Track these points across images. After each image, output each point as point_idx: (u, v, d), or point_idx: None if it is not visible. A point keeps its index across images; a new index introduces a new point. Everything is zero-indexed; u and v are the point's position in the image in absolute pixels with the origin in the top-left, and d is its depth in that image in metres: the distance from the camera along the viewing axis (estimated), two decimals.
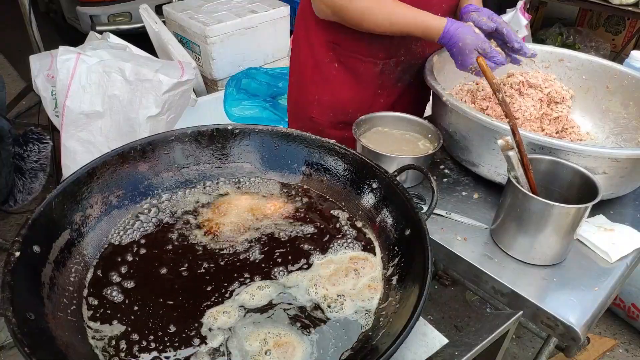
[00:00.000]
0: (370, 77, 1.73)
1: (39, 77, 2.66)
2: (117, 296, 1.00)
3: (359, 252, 1.11)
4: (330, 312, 0.98)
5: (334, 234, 1.17)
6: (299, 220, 1.20)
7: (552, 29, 4.92)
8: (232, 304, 0.99)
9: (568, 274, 1.25)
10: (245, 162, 1.31)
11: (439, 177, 1.57)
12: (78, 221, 1.08)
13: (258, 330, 0.94)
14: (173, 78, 2.35)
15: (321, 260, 1.09)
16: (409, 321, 0.81)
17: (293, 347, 0.92)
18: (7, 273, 0.86)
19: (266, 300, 1.00)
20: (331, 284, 1.04)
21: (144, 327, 0.94)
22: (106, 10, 4.91)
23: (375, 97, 1.77)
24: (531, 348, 2.56)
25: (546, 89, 1.64)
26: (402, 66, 1.73)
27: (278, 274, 1.06)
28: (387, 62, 1.70)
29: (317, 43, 1.72)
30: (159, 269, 1.06)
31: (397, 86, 1.79)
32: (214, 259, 1.09)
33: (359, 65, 1.71)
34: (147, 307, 0.98)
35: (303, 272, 1.06)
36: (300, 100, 1.87)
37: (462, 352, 0.86)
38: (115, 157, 1.17)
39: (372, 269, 1.07)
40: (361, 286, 1.04)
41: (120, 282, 1.02)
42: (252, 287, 1.02)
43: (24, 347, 0.76)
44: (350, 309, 0.99)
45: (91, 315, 0.96)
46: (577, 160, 1.27)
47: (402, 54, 1.70)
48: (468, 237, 1.35)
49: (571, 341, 1.14)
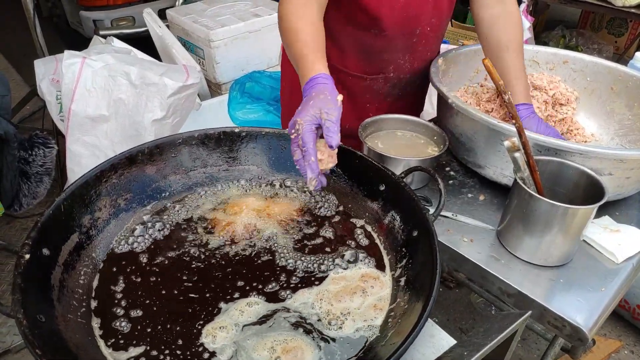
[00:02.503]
0: (358, 92, 1.71)
1: (43, 82, 2.66)
2: (120, 311, 0.99)
3: (371, 269, 1.09)
4: (329, 330, 0.96)
5: (343, 244, 1.15)
6: (308, 226, 1.20)
7: (555, 31, 4.92)
8: (225, 318, 0.98)
9: (574, 274, 1.25)
10: (252, 164, 1.31)
11: (445, 179, 1.57)
12: (87, 224, 1.09)
13: (264, 340, 0.93)
14: (178, 82, 2.35)
15: (333, 276, 1.07)
16: (418, 321, 0.82)
17: (302, 350, 0.91)
18: (17, 276, 0.87)
19: (264, 311, 0.99)
20: (337, 301, 1.01)
21: (154, 341, 0.93)
22: (109, 14, 4.92)
23: (363, 111, 1.74)
24: (536, 350, 2.56)
25: (551, 90, 1.64)
26: (391, 82, 1.71)
27: (284, 294, 1.03)
28: (376, 79, 1.68)
29: None
30: (163, 277, 1.06)
31: (386, 101, 1.76)
32: (221, 263, 1.10)
33: (347, 79, 1.69)
34: (153, 320, 0.97)
35: (310, 288, 1.04)
36: (292, 108, 1.84)
37: (471, 352, 0.86)
38: (123, 160, 1.17)
39: (382, 288, 1.05)
40: (367, 305, 1.01)
41: (121, 297, 1.01)
42: (251, 300, 1.01)
43: (35, 349, 0.77)
44: (350, 329, 0.96)
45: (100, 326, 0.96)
46: (583, 162, 1.27)
47: (391, 70, 1.67)
48: (474, 238, 1.35)
49: (578, 342, 1.14)
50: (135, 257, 1.09)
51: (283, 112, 1.97)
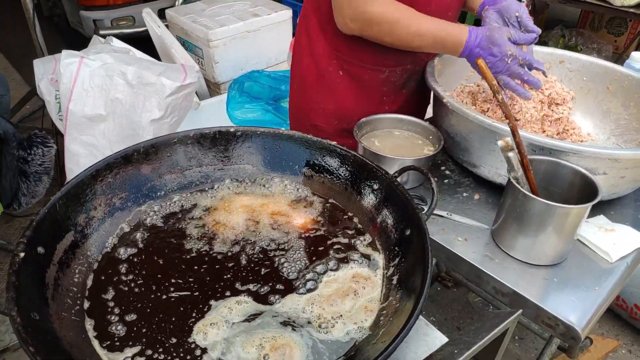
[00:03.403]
0: (375, 85, 1.72)
1: (42, 81, 2.67)
2: (113, 311, 0.99)
3: (362, 269, 1.08)
4: (318, 333, 0.95)
5: (337, 243, 1.15)
6: (302, 224, 1.21)
7: (554, 31, 4.92)
8: (215, 314, 0.98)
9: (569, 274, 1.26)
10: (248, 164, 1.32)
11: (440, 178, 1.57)
12: (82, 223, 1.09)
13: (252, 337, 0.93)
14: (176, 81, 2.36)
15: (326, 279, 1.06)
16: (408, 319, 0.82)
17: (290, 348, 0.91)
18: (11, 274, 0.88)
19: (253, 310, 0.99)
20: (329, 304, 1.00)
21: (149, 340, 0.94)
22: (109, 14, 4.94)
23: (379, 104, 1.76)
24: (534, 349, 2.56)
25: (547, 90, 1.64)
26: (408, 73, 1.72)
27: (273, 298, 1.03)
28: (394, 70, 1.69)
29: (320, 52, 1.70)
30: (156, 276, 1.06)
31: (402, 93, 1.78)
32: (215, 262, 1.10)
33: (364, 74, 1.69)
34: (147, 319, 0.97)
35: (300, 296, 1.03)
36: (303, 107, 1.85)
37: (461, 350, 0.86)
38: (119, 159, 1.18)
39: (373, 289, 1.04)
40: (358, 307, 1.00)
41: (114, 294, 1.02)
42: (241, 298, 1.01)
43: (28, 347, 0.77)
44: (340, 332, 0.95)
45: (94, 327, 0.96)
46: (578, 161, 1.27)
47: (409, 62, 1.68)
48: (469, 237, 1.35)
49: (571, 340, 1.15)
50: (129, 256, 1.10)
51: (292, 113, 1.96)
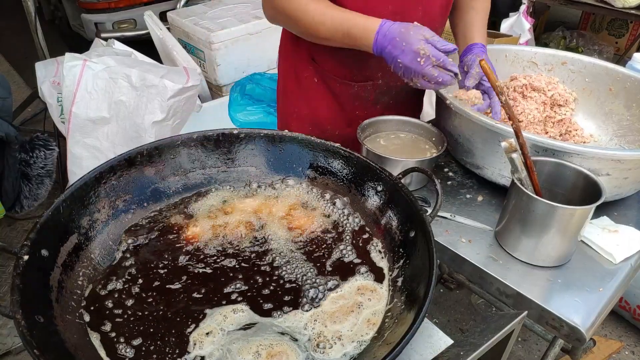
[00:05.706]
0: (347, 98, 1.68)
1: (44, 84, 2.68)
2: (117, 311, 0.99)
3: (367, 282, 1.06)
4: (315, 352, 0.93)
5: (343, 249, 1.14)
6: (306, 227, 1.20)
7: (555, 32, 4.93)
8: (210, 321, 0.97)
9: (573, 275, 1.25)
10: (251, 166, 1.31)
11: (443, 180, 1.57)
12: (85, 225, 1.09)
13: (249, 344, 0.92)
14: (178, 84, 2.36)
15: (332, 295, 1.04)
16: (414, 321, 0.82)
17: (287, 355, 0.91)
18: (16, 276, 0.88)
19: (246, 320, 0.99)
20: (332, 322, 0.98)
21: (149, 340, 0.94)
22: (111, 17, 4.94)
23: (353, 117, 1.70)
24: (537, 351, 2.56)
25: (549, 91, 1.64)
26: (380, 89, 1.67)
27: (276, 314, 1.01)
28: (363, 86, 1.65)
29: (298, 56, 1.68)
30: (158, 279, 1.06)
31: (376, 108, 1.72)
32: (218, 265, 1.10)
33: (335, 85, 1.66)
34: (149, 322, 0.97)
35: (303, 313, 1.01)
36: (284, 111, 1.84)
37: (467, 352, 0.86)
38: (122, 161, 1.18)
39: (378, 301, 1.02)
40: (361, 322, 0.98)
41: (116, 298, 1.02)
42: (237, 307, 1.00)
43: (33, 349, 0.77)
44: (337, 353, 0.93)
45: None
46: (581, 162, 1.27)
47: (379, 77, 1.63)
48: (473, 239, 1.35)
49: (576, 342, 1.15)
50: (132, 259, 1.10)
51: (278, 115, 1.94)
